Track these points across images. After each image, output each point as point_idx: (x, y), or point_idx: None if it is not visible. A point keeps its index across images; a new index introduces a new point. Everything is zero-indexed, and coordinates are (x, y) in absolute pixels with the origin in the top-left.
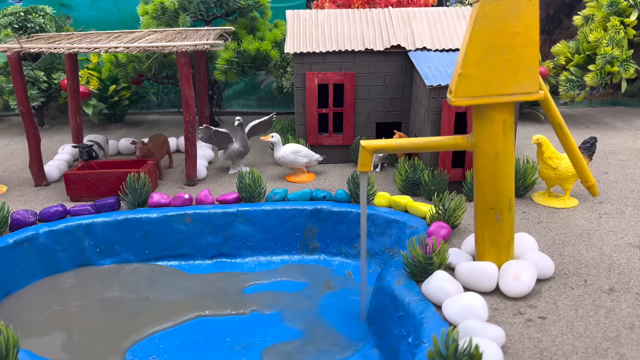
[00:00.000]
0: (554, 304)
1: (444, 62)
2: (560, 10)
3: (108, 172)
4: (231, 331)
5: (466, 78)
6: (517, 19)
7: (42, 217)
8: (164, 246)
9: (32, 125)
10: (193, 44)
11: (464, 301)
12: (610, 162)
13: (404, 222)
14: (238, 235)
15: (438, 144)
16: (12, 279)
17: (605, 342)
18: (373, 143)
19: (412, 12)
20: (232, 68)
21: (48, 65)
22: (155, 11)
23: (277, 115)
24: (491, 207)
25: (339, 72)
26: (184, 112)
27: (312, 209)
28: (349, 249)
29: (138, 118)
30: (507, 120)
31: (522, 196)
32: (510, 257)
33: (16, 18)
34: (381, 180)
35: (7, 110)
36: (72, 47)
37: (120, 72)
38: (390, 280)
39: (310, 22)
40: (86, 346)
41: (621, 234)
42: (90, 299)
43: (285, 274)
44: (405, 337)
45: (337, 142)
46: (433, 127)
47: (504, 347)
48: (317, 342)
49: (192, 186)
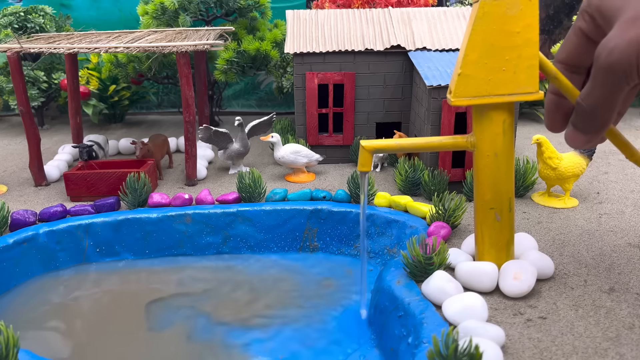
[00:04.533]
0: (554, 304)
1: (444, 62)
2: (560, 10)
3: (108, 172)
4: (231, 331)
5: (466, 78)
6: (516, 19)
7: (42, 217)
8: (164, 246)
9: (32, 125)
10: (193, 44)
11: (464, 301)
12: (610, 162)
13: (404, 222)
14: (238, 235)
15: (438, 144)
16: (12, 278)
17: (605, 342)
18: (373, 143)
19: (412, 12)
20: (232, 68)
21: (48, 65)
22: (155, 11)
23: (277, 115)
24: (491, 207)
25: (339, 72)
26: (184, 112)
27: (312, 209)
28: (349, 249)
29: (138, 118)
30: (507, 120)
31: (522, 196)
32: (510, 257)
33: (16, 18)
34: (381, 180)
35: (7, 110)
36: (72, 47)
37: (120, 72)
38: (390, 280)
39: (310, 22)
40: (86, 346)
41: (621, 234)
42: (90, 299)
43: (285, 274)
44: (405, 337)
45: (337, 142)
46: (433, 127)
47: (504, 347)
48: (317, 342)
49: (192, 186)
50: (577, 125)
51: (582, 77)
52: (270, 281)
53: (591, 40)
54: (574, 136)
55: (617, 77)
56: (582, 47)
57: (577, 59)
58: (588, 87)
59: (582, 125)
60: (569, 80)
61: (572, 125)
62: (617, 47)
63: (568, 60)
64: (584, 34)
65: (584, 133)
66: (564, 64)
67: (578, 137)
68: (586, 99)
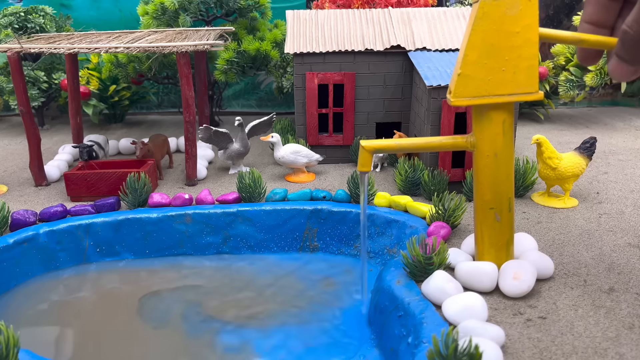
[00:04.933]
0: (553, 304)
1: (443, 62)
2: (560, 10)
3: (108, 172)
4: (231, 330)
5: (465, 78)
6: (516, 19)
7: (42, 217)
8: (164, 246)
9: (33, 125)
10: (193, 44)
11: (463, 301)
12: (610, 162)
13: (403, 222)
14: (238, 235)
15: (438, 144)
16: (13, 278)
17: (605, 342)
18: (373, 143)
19: (412, 12)
20: (232, 68)
21: (48, 65)
22: (155, 11)
23: (277, 115)
24: (491, 207)
25: (339, 72)
26: (184, 112)
27: (312, 209)
28: (349, 249)
29: (138, 118)
30: (507, 120)
31: (522, 196)
32: (510, 257)
33: (16, 18)
34: (381, 180)
35: (8, 110)
36: (72, 47)
37: (120, 72)
38: (390, 280)
39: (310, 22)
40: (86, 346)
41: (621, 234)
42: (91, 298)
43: (285, 274)
44: (405, 337)
45: (337, 142)
46: (433, 127)
47: (504, 347)
48: (316, 341)
49: (192, 186)
50: (624, 55)
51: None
52: (270, 281)
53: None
54: (619, 68)
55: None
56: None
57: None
58: (635, 13)
59: (629, 55)
60: None
61: (617, 57)
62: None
63: (594, 19)
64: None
65: (632, 63)
66: (590, 24)
67: (624, 69)
68: (634, 26)
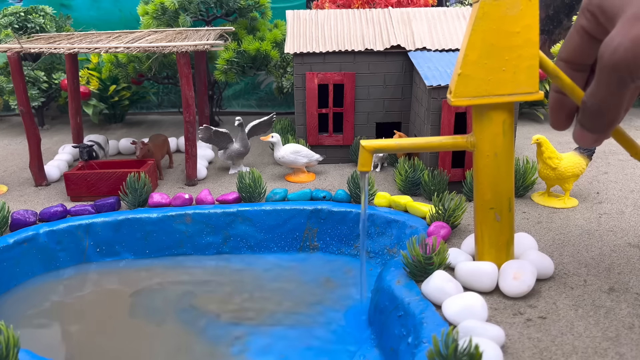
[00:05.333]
0: (553, 303)
1: (444, 62)
2: (560, 10)
3: (108, 172)
4: (231, 330)
5: (466, 78)
6: (516, 19)
7: (42, 217)
8: (164, 246)
9: (33, 125)
10: (193, 44)
11: (463, 301)
12: (610, 162)
13: (403, 222)
14: (238, 235)
15: (438, 144)
16: (13, 278)
17: (605, 342)
18: (373, 143)
19: (412, 12)
20: (232, 68)
21: (48, 65)
22: (155, 11)
23: (277, 115)
24: (491, 207)
25: (339, 72)
26: (184, 112)
27: (312, 209)
28: (349, 249)
29: (138, 118)
30: (507, 120)
31: (522, 196)
32: (510, 257)
33: (16, 18)
34: (381, 180)
35: (8, 110)
36: (73, 47)
37: (120, 72)
38: (390, 280)
39: (310, 22)
40: (86, 346)
41: (621, 234)
42: (91, 298)
43: (285, 274)
44: (405, 337)
45: (337, 142)
46: (433, 127)
47: (504, 346)
48: (316, 341)
49: (192, 186)
50: (585, 124)
51: (585, 74)
52: (270, 281)
53: (593, 38)
54: (582, 135)
55: (622, 75)
56: (584, 45)
57: (579, 57)
58: (593, 86)
59: (589, 124)
60: (572, 78)
61: (580, 125)
62: (621, 46)
63: (570, 59)
64: (586, 32)
65: (592, 132)
66: (567, 63)
67: (586, 136)
68: (592, 99)
